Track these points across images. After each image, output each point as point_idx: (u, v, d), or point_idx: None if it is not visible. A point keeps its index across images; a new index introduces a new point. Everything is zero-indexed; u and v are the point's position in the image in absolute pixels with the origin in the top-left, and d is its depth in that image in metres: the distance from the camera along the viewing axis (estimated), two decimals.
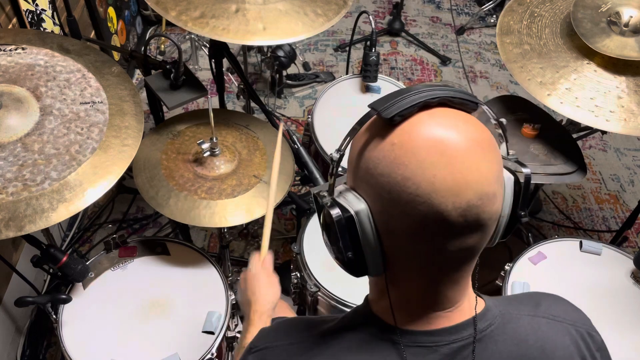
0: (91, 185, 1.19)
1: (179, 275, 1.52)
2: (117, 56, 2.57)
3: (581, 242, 1.61)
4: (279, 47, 2.66)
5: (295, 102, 2.96)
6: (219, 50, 1.77)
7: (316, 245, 1.59)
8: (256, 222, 2.36)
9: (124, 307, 1.44)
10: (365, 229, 0.63)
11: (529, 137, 1.73)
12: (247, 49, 2.91)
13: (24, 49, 1.37)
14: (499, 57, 3.19)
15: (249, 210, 1.49)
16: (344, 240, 0.64)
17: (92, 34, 2.51)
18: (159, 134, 1.64)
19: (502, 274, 1.54)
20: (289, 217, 2.41)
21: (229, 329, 1.46)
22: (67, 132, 1.24)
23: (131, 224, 2.36)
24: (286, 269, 1.99)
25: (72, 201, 1.16)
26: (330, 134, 1.85)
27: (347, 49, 2.59)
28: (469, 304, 0.70)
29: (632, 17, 1.54)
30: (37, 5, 1.99)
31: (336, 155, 0.67)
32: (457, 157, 0.59)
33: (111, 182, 1.21)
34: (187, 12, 1.44)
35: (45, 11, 2.05)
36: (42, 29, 2.03)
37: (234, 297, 1.48)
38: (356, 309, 0.76)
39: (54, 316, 1.39)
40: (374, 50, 1.93)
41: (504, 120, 0.71)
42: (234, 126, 1.69)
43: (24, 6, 1.90)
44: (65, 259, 1.33)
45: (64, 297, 1.40)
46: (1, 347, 1.83)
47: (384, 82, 2.03)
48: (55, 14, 2.12)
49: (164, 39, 3.14)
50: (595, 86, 1.53)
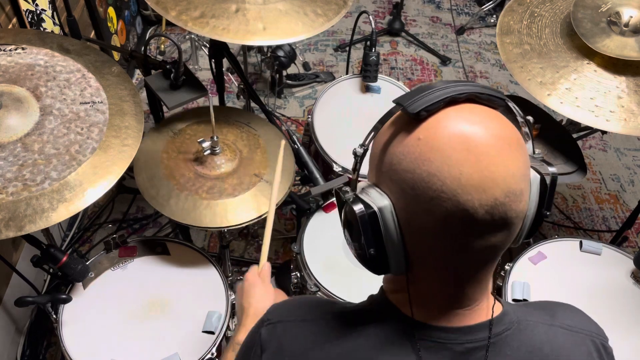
0: (91, 185, 1.19)
1: (179, 275, 1.52)
2: (117, 56, 2.57)
3: (581, 242, 1.61)
4: (279, 47, 2.66)
5: (295, 102, 2.96)
6: (219, 50, 1.77)
7: (316, 245, 1.59)
8: (256, 222, 2.35)
9: (124, 307, 1.44)
10: (388, 226, 0.62)
11: None
12: (247, 49, 2.91)
13: (24, 49, 1.37)
14: (499, 57, 3.19)
15: (250, 209, 1.49)
16: (366, 236, 0.62)
17: (92, 34, 2.51)
18: (160, 132, 1.64)
19: (502, 274, 1.54)
20: (289, 217, 2.41)
21: (229, 329, 1.46)
22: (67, 132, 1.24)
23: (131, 224, 2.36)
24: (286, 269, 1.99)
25: (72, 201, 1.16)
26: (330, 134, 1.85)
27: (347, 49, 2.59)
28: (487, 304, 0.69)
29: (632, 17, 1.54)
30: (37, 5, 1.99)
31: (360, 150, 0.66)
32: (484, 153, 0.58)
33: (111, 182, 1.21)
34: (187, 12, 1.44)
35: (45, 11, 2.05)
36: (42, 29, 2.03)
37: (234, 297, 1.48)
38: (372, 296, 0.75)
39: (54, 316, 1.39)
40: (374, 50, 1.93)
41: (530, 118, 0.70)
42: (234, 124, 1.69)
43: (24, 6, 1.90)
44: (65, 259, 1.33)
45: (64, 297, 1.40)
46: (1, 347, 1.83)
47: (384, 82, 2.03)
48: (55, 14, 2.12)
49: (164, 39, 3.14)
50: (595, 86, 1.53)
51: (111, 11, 2.68)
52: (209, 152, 1.53)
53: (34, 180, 1.16)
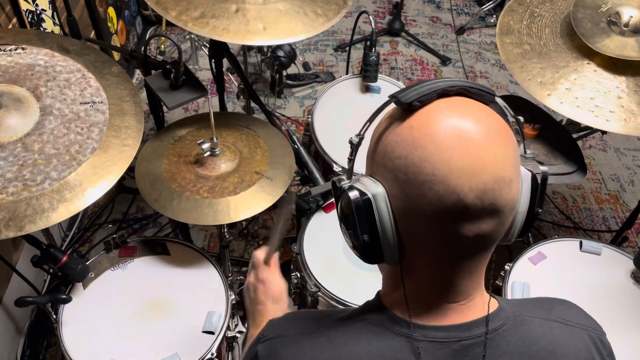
0: (91, 185, 1.19)
1: (179, 275, 1.52)
2: (117, 56, 2.57)
3: (581, 242, 1.61)
4: (279, 47, 2.66)
5: (295, 102, 2.96)
6: (219, 50, 1.77)
7: (316, 245, 1.59)
8: (256, 222, 2.36)
9: (124, 307, 1.44)
10: (382, 212, 0.63)
11: (529, 137, 1.73)
12: (247, 49, 2.91)
13: (24, 49, 1.37)
14: (499, 57, 3.19)
15: (252, 205, 1.49)
16: (360, 223, 0.64)
17: (92, 34, 2.51)
18: (161, 140, 1.64)
19: (502, 274, 1.54)
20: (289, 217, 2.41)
21: (229, 329, 1.46)
22: (67, 132, 1.24)
23: (131, 224, 2.36)
24: (286, 269, 1.99)
25: (72, 201, 1.16)
26: (330, 134, 1.85)
27: (347, 49, 2.59)
28: (482, 300, 0.70)
29: (632, 17, 1.54)
30: (37, 5, 1.99)
31: (355, 139, 0.68)
32: (474, 140, 0.60)
33: (111, 182, 1.21)
34: (187, 12, 1.44)
35: (45, 11, 2.05)
36: (42, 29, 2.03)
37: (234, 297, 1.48)
38: (367, 302, 0.76)
39: (54, 316, 1.39)
40: (374, 50, 1.93)
41: (521, 118, 0.71)
42: (234, 127, 1.69)
43: (24, 6, 1.90)
44: (65, 259, 1.33)
45: (64, 297, 1.40)
46: (1, 347, 1.83)
47: (384, 82, 2.03)
48: (55, 14, 2.12)
49: (164, 39, 3.14)
50: (595, 86, 1.53)
51: (111, 11, 2.69)
52: (208, 153, 1.53)
53: (34, 180, 1.16)
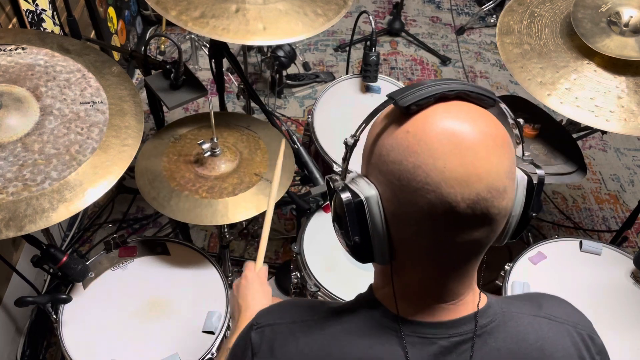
0: (91, 185, 1.19)
1: (179, 275, 1.52)
2: (117, 56, 2.57)
3: (581, 242, 1.61)
4: (279, 47, 2.66)
5: (295, 102, 2.96)
6: (219, 50, 1.77)
7: (316, 245, 1.59)
8: (256, 222, 2.36)
9: (124, 307, 1.44)
10: (374, 215, 0.64)
11: (529, 137, 1.73)
12: (247, 49, 2.91)
13: (24, 49, 1.37)
14: (499, 57, 3.19)
15: (250, 207, 1.49)
16: (352, 224, 0.64)
17: (92, 34, 2.51)
18: (161, 139, 1.64)
19: (502, 273, 1.54)
20: (289, 217, 2.41)
21: (229, 329, 1.46)
22: (67, 132, 1.24)
23: (131, 224, 2.36)
24: (286, 269, 1.99)
25: (72, 201, 1.16)
26: (330, 134, 1.85)
27: (347, 49, 2.59)
28: (472, 298, 0.70)
29: (632, 17, 1.54)
30: (37, 5, 1.99)
31: (350, 140, 0.68)
32: (469, 148, 0.59)
33: (111, 182, 1.21)
34: (187, 12, 1.44)
35: (45, 11, 2.05)
36: (42, 29, 2.03)
37: None
38: (360, 294, 0.76)
39: (54, 316, 1.39)
40: (374, 50, 1.93)
41: (521, 120, 0.71)
42: (235, 127, 1.69)
43: (24, 6, 1.90)
44: (65, 259, 1.33)
45: (64, 297, 1.40)
46: (1, 347, 1.83)
47: (384, 82, 2.03)
48: (55, 14, 2.12)
49: (164, 39, 3.14)
50: (595, 86, 1.53)
51: (111, 11, 2.69)
52: (209, 153, 1.53)
53: (34, 180, 1.16)
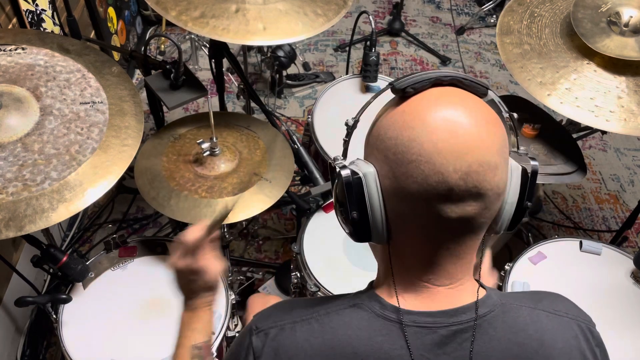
0: (91, 185, 1.19)
1: None
2: (117, 56, 2.57)
3: (581, 242, 1.61)
4: (279, 47, 2.66)
5: (295, 102, 2.96)
6: (219, 50, 1.77)
7: (316, 245, 1.59)
8: (256, 222, 2.36)
9: (124, 307, 1.44)
10: (371, 191, 0.67)
11: (529, 137, 1.73)
12: (247, 49, 2.91)
13: (24, 49, 1.37)
14: (499, 57, 3.19)
15: (249, 207, 1.49)
16: (350, 200, 0.67)
17: (92, 34, 2.51)
18: (160, 139, 1.64)
19: (502, 273, 1.54)
20: (289, 217, 2.41)
21: (229, 329, 1.46)
22: (67, 132, 1.24)
23: (131, 224, 2.36)
24: (286, 269, 1.99)
25: (72, 201, 1.16)
26: (330, 134, 1.85)
27: (347, 49, 2.59)
28: (470, 286, 0.71)
29: (632, 17, 1.54)
30: (37, 5, 1.99)
31: (351, 121, 0.73)
32: (461, 123, 0.63)
33: (111, 182, 1.21)
34: (187, 12, 1.44)
35: (45, 11, 2.05)
36: (42, 29, 2.03)
37: (234, 297, 1.49)
38: (359, 290, 0.78)
39: (54, 316, 1.40)
40: (374, 50, 1.93)
41: (515, 114, 0.74)
42: (234, 127, 1.69)
43: (24, 6, 1.90)
44: (65, 259, 1.33)
45: (64, 297, 1.40)
46: (1, 347, 1.83)
47: (384, 82, 2.03)
48: (55, 14, 2.12)
49: (164, 39, 3.14)
50: (595, 86, 1.53)
51: (111, 11, 2.69)
52: (208, 153, 1.53)
53: (34, 180, 1.16)
